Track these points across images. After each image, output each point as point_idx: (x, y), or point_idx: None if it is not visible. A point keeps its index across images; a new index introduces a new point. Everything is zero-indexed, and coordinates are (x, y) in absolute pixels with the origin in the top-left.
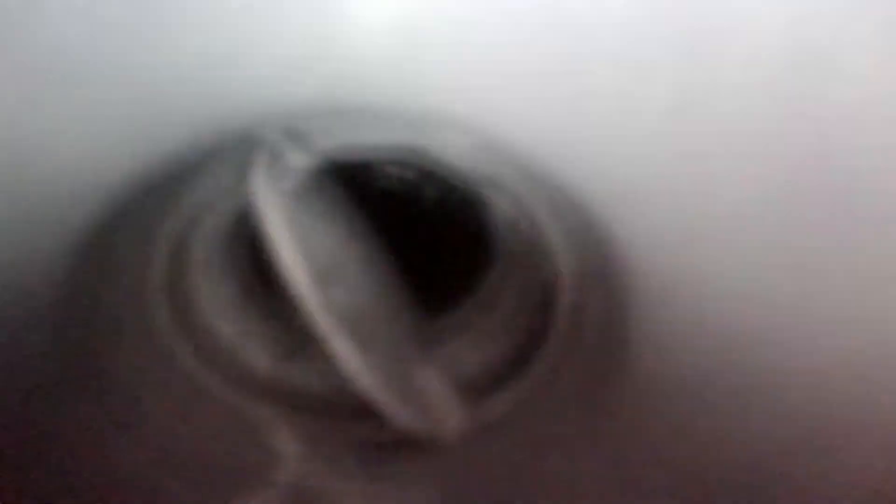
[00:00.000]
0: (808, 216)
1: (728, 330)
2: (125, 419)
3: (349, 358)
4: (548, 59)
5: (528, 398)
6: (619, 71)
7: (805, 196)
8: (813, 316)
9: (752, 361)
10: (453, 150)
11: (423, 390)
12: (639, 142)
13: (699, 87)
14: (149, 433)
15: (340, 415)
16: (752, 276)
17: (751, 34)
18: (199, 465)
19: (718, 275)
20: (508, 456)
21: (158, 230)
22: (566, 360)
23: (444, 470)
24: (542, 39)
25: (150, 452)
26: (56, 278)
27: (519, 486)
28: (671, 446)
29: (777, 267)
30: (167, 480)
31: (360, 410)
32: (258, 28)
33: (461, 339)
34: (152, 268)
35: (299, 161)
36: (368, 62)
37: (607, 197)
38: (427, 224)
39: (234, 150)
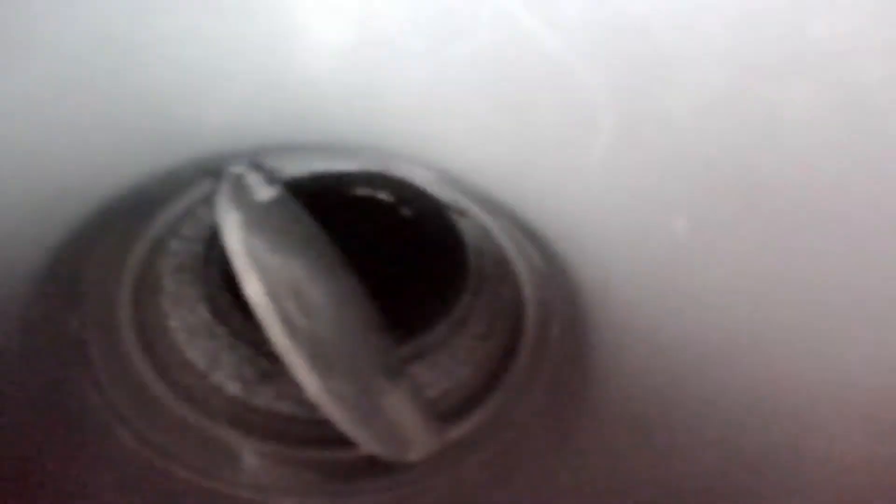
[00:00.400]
0: (763, 236)
1: (685, 348)
2: (94, 443)
3: (311, 386)
4: (497, 100)
5: (493, 419)
6: (567, 105)
7: (759, 217)
8: (767, 334)
9: (709, 377)
10: (414, 179)
11: (389, 414)
12: (587, 179)
13: (642, 127)
14: (118, 457)
15: (309, 438)
16: (708, 296)
17: (692, 78)
18: (168, 487)
19: (676, 296)
20: (475, 476)
21: (124, 258)
22: (531, 383)
23: (411, 491)
24: (491, 82)
25: (120, 476)
26: (22, 304)
27: None
28: (634, 462)
29: (732, 288)
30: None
31: (328, 434)
32: (223, 63)
33: (429, 362)
34: (120, 295)
35: (265, 188)
36: (326, 96)
37: (563, 229)
38: (397, 249)
39: (203, 178)
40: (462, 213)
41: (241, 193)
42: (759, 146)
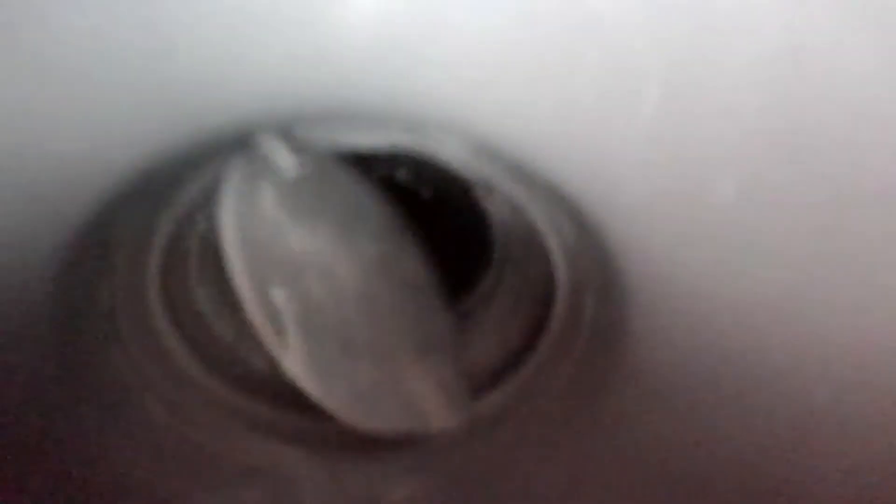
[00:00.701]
0: (811, 202)
1: (722, 326)
2: (122, 417)
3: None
4: (538, 63)
5: (521, 397)
6: (609, 73)
7: (808, 182)
8: (812, 303)
9: (746, 357)
10: (447, 151)
11: (415, 392)
12: (630, 143)
13: (690, 88)
14: (145, 431)
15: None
16: (746, 274)
17: (743, 34)
18: (196, 462)
19: (712, 273)
20: (501, 455)
21: (154, 230)
22: (561, 359)
23: (435, 468)
24: (532, 44)
25: (147, 450)
26: (52, 277)
27: (511, 485)
28: (665, 443)
29: (777, 255)
30: (163, 478)
31: None
32: (253, 32)
33: (457, 338)
34: (148, 267)
35: (291, 161)
36: (361, 66)
37: (600, 197)
38: (423, 223)
39: (230, 152)
40: (489, 190)
41: (263, 168)
42: (811, 109)
